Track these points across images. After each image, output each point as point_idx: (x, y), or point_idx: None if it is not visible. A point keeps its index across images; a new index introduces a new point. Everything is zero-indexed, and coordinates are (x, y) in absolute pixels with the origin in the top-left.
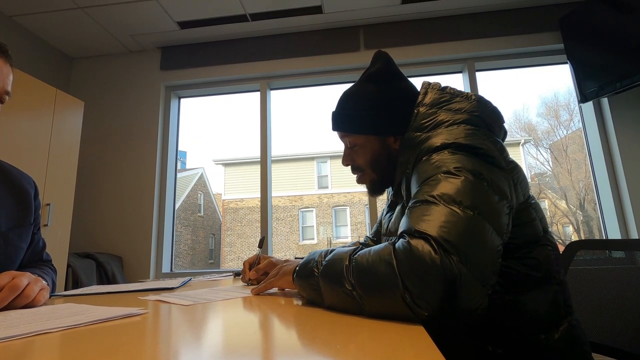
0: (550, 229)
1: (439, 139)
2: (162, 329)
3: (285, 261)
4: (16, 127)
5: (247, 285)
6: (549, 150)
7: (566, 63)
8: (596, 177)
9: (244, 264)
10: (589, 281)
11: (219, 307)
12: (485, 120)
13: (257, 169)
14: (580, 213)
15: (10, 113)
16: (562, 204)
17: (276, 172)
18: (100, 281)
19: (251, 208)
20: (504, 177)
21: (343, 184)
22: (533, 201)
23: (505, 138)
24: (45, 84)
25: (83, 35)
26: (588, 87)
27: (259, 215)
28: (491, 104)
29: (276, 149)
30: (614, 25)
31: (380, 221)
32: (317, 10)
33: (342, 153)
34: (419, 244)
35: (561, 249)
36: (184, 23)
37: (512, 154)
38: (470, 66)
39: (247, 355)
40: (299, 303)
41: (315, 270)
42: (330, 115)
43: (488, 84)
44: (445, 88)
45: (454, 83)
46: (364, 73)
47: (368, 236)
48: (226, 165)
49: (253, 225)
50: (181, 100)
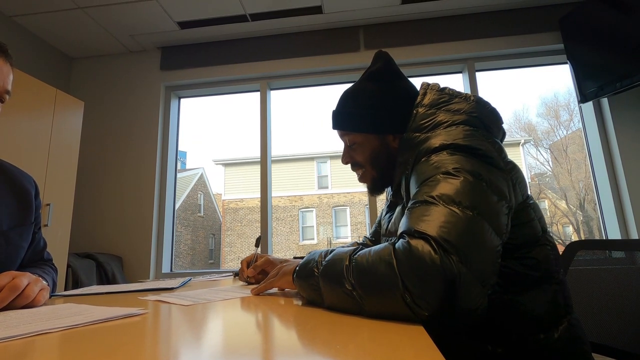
0: (550, 229)
1: (437, 139)
2: (162, 329)
3: (285, 261)
4: (16, 127)
5: (246, 284)
6: (549, 150)
7: (566, 63)
8: (596, 177)
9: (241, 263)
10: (589, 281)
11: (219, 307)
12: (483, 121)
13: (257, 169)
14: (580, 213)
15: (11, 113)
16: (562, 204)
17: (276, 172)
18: (100, 281)
19: (251, 208)
20: (503, 178)
21: (343, 184)
22: (532, 201)
23: (504, 139)
24: (45, 84)
25: (83, 35)
26: (588, 87)
27: (259, 215)
28: (490, 104)
29: (276, 149)
30: (613, 25)
31: (379, 221)
32: (317, 10)
33: (341, 155)
34: (419, 244)
35: (561, 249)
36: (184, 23)
37: (512, 154)
38: (470, 66)
39: (247, 355)
40: (299, 303)
41: (315, 270)
42: (330, 114)
43: (488, 84)
44: (444, 89)
45: (454, 83)
46: (365, 72)
47: (367, 236)
48: (226, 165)
49: (253, 226)
50: (181, 100)
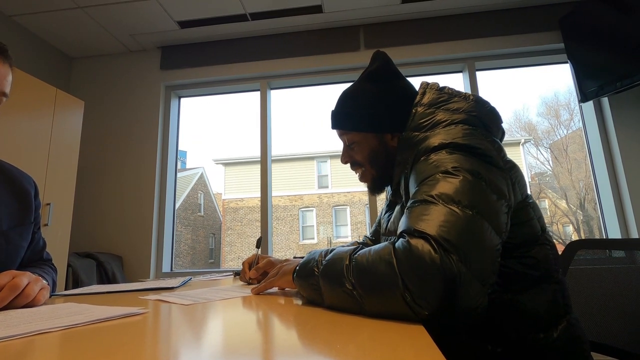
0: (550, 229)
1: (436, 138)
2: (162, 328)
3: (285, 260)
4: (16, 127)
5: (247, 284)
6: (549, 149)
7: (566, 62)
8: (596, 177)
9: (243, 264)
10: (589, 281)
11: (219, 307)
12: (483, 120)
13: (257, 168)
14: (581, 213)
15: (10, 113)
16: (562, 204)
17: (276, 172)
18: (101, 281)
19: (251, 208)
20: (502, 177)
21: (343, 183)
22: (531, 200)
23: (504, 138)
24: (45, 84)
25: (83, 35)
26: (588, 87)
27: (259, 214)
28: (489, 104)
29: (276, 149)
30: (614, 24)
31: (379, 221)
32: (317, 9)
33: (341, 155)
34: (419, 244)
35: (561, 248)
36: (184, 23)
37: (512, 153)
38: (470, 66)
39: (247, 355)
40: (299, 303)
41: (316, 269)
42: (329, 114)
43: (488, 83)
44: (444, 88)
45: (454, 83)
46: (363, 72)
47: (367, 236)
48: (226, 164)
49: (253, 225)
50: (181, 99)
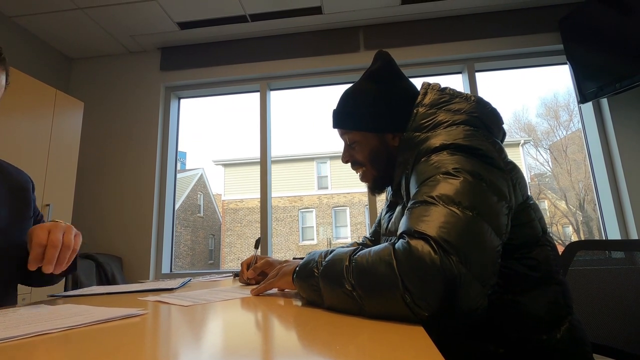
0: (549, 230)
1: (438, 139)
2: (162, 329)
3: (285, 261)
4: (16, 128)
5: (246, 285)
6: (548, 150)
7: (566, 64)
8: (596, 178)
9: (241, 265)
10: (589, 281)
11: (219, 308)
12: (484, 121)
13: (257, 169)
14: (580, 213)
15: (10, 114)
16: (562, 205)
17: (276, 173)
18: (100, 282)
19: (251, 209)
20: (503, 178)
21: (343, 184)
22: (532, 202)
23: (504, 139)
24: (45, 85)
25: (83, 36)
26: (587, 88)
27: (259, 215)
28: (490, 105)
29: (276, 150)
30: (613, 26)
31: (379, 221)
32: (317, 10)
33: (342, 154)
34: (419, 245)
35: (561, 249)
36: (184, 24)
37: (512, 154)
38: (470, 67)
39: (247, 356)
40: (299, 304)
41: (315, 270)
42: (331, 113)
43: (488, 84)
44: (445, 89)
45: (454, 84)
46: (365, 72)
47: (366, 237)
48: (226, 165)
49: (253, 226)
50: (181, 100)
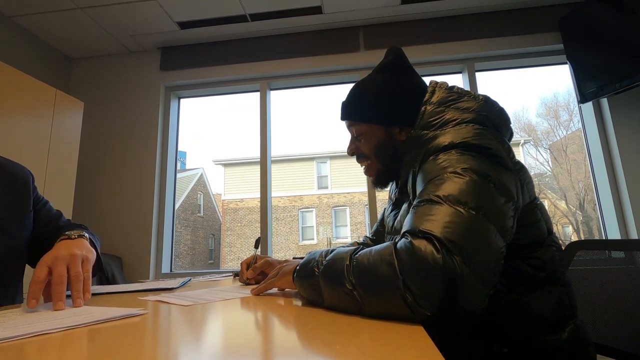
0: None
1: (446, 137)
2: (162, 329)
3: (285, 261)
4: (16, 128)
5: (245, 285)
6: (548, 150)
7: (566, 63)
8: (596, 178)
9: (241, 265)
10: (589, 281)
11: (219, 308)
12: (492, 120)
13: (257, 169)
14: (580, 213)
15: (10, 114)
16: (562, 205)
17: (276, 173)
18: (100, 282)
19: (251, 208)
20: (512, 178)
21: (343, 184)
22: (538, 202)
23: (512, 139)
24: (45, 85)
25: (83, 35)
26: (587, 88)
27: (259, 215)
28: (498, 104)
29: (276, 149)
30: (613, 25)
31: (381, 220)
32: (317, 10)
33: (347, 146)
34: (422, 244)
35: None
36: (184, 23)
37: None
38: (469, 67)
39: (248, 356)
40: (299, 303)
41: (316, 269)
42: (334, 110)
43: (488, 84)
44: (453, 87)
45: (454, 83)
46: (376, 66)
47: (367, 236)
48: (226, 165)
49: (253, 226)
50: (181, 100)
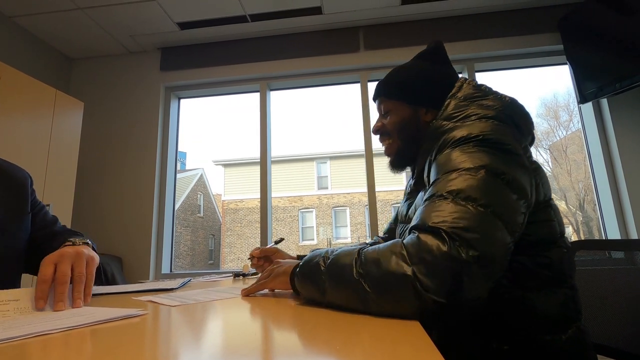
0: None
1: (464, 130)
2: (162, 329)
3: (276, 263)
4: (16, 128)
5: (243, 276)
6: (548, 150)
7: (565, 64)
8: (596, 178)
9: (253, 250)
10: (589, 281)
11: (219, 308)
12: (514, 120)
13: (257, 169)
14: (580, 214)
15: (10, 114)
16: (562, 205)
17: (276, 173)
18: (100, 282)
19: (251, 209)
20: (526, 175)
21: (343, 184)
22: (553, 203)
23: (533, 144)
24: (45, 85)
25: (83, 36)
26: (587, 88)
27: (259, 216)
28: (524, 108)
29: (276, 150)
30: (613, 26)
31: (395, 217)
32: (317, 11)
33: (375, 124)
34: (428, 238)
35: None
36: (184, 24)
37: None
38: (469, 67)
39: (247, 356)
40: (298, 303)
41: (322, 263)
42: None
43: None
44: (481, 85)
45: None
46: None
47: (379, 236)
48: (226, 165)
49: (253, 226)
50: (181, 100)
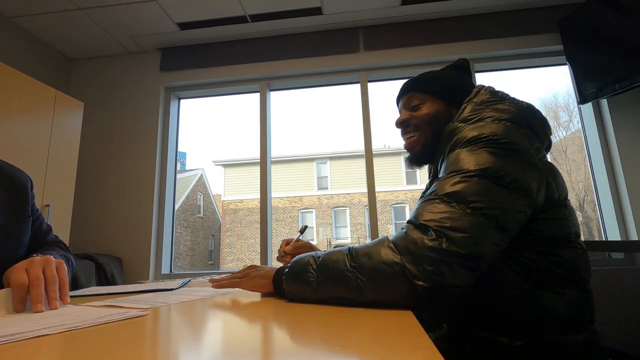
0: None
1: (475, 130)
2: (162, 329)
3: (253, 266)
4: (16, 128)
5: (281, 257)
6: None
7: (565, 64)
8: (595, 179)
9: (282, 242)
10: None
11: (219, 308)
12: (530, 123)
13: (257, 170)
14: (580, 214)
15: (10, 114)
16: None
17: (276, 173)
18: (100, 282)
19: (251, 209)
20: (534, 175)
21: (343, 185)
22: (569, 204)
23: (549, 149)
24: (45, 85)
25: (83, 36)
26: (587, 89)
27: (259, 216)
28: (542, 114)
29: (276, 150)
30: (613, 26)
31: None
32: (317, 11)
33: (400, 116)
34: (415, 233)
35: None
36: (184, 24)
37: None
38: (470, 67)
39: (247, 356)
40: (285, 301)
41: (312, 262)
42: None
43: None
44: (498, 92)
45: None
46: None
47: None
48: (226, 166)
49: (253, 227)
50: (181, 101)
